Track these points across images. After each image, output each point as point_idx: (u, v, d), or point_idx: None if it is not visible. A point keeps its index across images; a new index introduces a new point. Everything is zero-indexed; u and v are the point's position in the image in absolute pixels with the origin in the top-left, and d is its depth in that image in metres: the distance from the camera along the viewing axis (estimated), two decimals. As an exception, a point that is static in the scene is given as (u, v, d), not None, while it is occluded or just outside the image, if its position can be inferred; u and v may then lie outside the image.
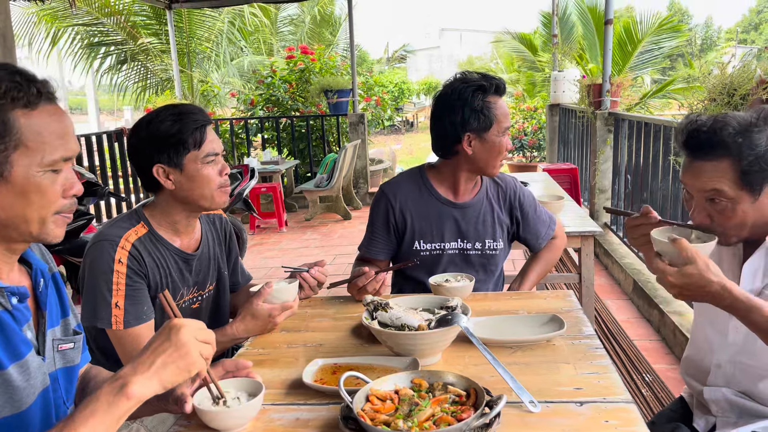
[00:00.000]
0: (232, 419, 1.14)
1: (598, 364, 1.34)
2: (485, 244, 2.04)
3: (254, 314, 1.59)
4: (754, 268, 1.39)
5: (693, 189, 1.37)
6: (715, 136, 1.31)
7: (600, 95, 5.57)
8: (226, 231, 1.94)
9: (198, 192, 1.65)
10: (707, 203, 1.35)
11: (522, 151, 11.09)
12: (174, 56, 8.25)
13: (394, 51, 21.69)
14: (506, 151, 1.97)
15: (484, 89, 1.91)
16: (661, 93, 10.09)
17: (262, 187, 6.69)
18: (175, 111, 1.65)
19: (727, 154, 1.30)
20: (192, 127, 1.62)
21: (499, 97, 1.95)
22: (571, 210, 3.12)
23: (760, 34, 41.15)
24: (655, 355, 3.22)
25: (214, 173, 1.65)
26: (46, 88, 1.01)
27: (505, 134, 1.95)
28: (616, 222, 5.23)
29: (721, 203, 1.33)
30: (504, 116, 1.94)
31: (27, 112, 0.98)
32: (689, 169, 1.37)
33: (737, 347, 1.44)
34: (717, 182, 1.31)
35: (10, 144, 0.96)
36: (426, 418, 1.06)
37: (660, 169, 4.03)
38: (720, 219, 1.35)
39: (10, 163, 0.97)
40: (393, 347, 1.39)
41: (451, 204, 2.03)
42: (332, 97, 8.08)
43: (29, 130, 0.98)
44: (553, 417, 1.14)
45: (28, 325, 1.06)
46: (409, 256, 2.03)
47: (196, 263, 1.76)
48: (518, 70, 14.72)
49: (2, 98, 0.95)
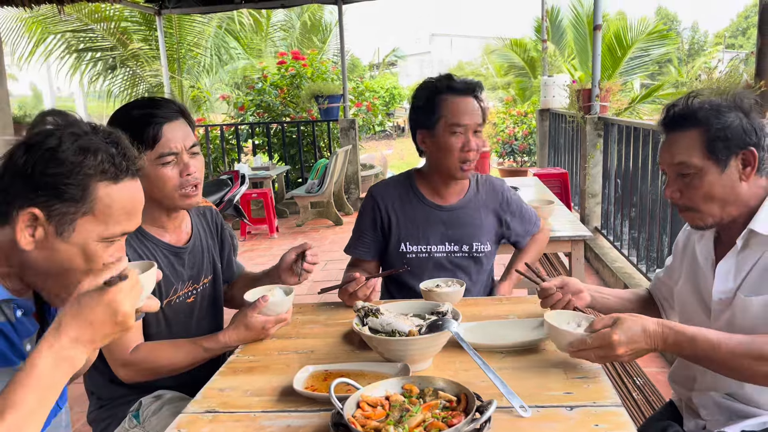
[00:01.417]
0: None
1: (588, 369, 1.35)
2: (473, 246, 2.04)
3: (248, 326, 1.58)
4: (727, 270, 1.42)
5: (665, 165, 1.44)
6: (687, 109, 1.41)
7: (589, 100, 5.60)
8: (218, 223, 1.91)
9: (157, 193, 1.59)
10: (678, 178, 1.42)
11: (513, 155, 11.14)
12: (164, 62, 8.23)
13: (385, 56, 21.75)
14: (461, 151, 1.92)
15: (436, 87, 1.95)
16: (650, 98, 10.18)
17: (252, 193, 6.68)
18: (137, 105, 1.60)
19: (696, 125, 1.37)
20: (144, 125, 1.54)
21: (457, 96, 1.94)
22: (561, 214, 3.13)
23: (748, 39, 41.55)
24: (646, 359, 3.23)
25: (171, 174, 1.58)
26: (136, 165, 1.04)
27: (457, 133, 1.92)
28: (606, 226, 5.26)
29: (689, 175, 1.38)
30: (455, 113, 1.92)
31: (108, 185, 1.00)
32: (664, 145, 1.45)
33: None
34: (685, 153, 1.38)
35: (81, 209, 0.98)
36: (417, 423, 1.06)
37: (649, 173, 4.05)
38: (688, 192, 1.40)
39: (74, 226, 0.98)
40: (384, 353, 1.39)
41: (437, 207, 2.05)
42: (323, 102, 8.08)
43: (102, 202, 1.00)
44: (543, 422, 1.14)
45: (30, 339, 1.06)
46: (396, 259, 2.04)
47: (189, 256, 1.74)
48: (507, 75, 14.79)
49: (92, 169, 0.97)
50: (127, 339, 1.55)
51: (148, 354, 1.57)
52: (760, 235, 1.35)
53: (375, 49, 25.33)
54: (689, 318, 1.56)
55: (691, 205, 1.41)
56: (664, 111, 1.46)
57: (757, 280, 1.36)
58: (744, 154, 1.35)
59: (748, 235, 1.38)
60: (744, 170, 1.36)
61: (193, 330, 1.74)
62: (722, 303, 1.42)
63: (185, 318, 1.75)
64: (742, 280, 1.39)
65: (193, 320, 1.78)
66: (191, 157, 1.63)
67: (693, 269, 1.55)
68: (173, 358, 1.58)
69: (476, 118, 1.94)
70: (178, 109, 1.62)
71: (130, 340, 1.56)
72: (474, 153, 1.95)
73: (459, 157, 1.93)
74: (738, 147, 1.35)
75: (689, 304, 1.56)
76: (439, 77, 2.00)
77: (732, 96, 1.39)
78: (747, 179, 1.37)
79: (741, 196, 1.38)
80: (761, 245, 1.36)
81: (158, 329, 1.68)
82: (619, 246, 4.74)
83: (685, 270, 1.59)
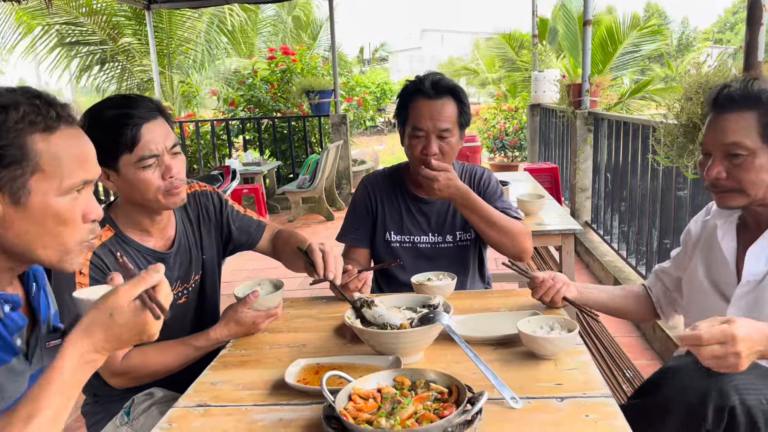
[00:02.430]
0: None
1: (579, 360, 1.36)
2: (456, 236, 2.07)
3: (238, 321, 1.58)
4: (759, 252, 1.43)
5: (714, 144, 1.41)
6: (745, 90, 1.39)
7: (580, 95, 5.62)
8: (204, 206, 1.81)
9: (139, 197, 1.53)
10: (726, 159, 1.39)
11: (503, 151, 11.16)
12: (153, 57, 8.17)
13: (374, 50, 21.69)
14: (421, 154, 1.93)
15: (407, 90, 1.99)
16: (640, 93, 10.24)
17: (243, 189, 6.65)
18: (110, 104, 1.51)
19: (754, 107, 1.36)
20: (120, 127, 1.45)
21: (423, 99, 1.93)
22: (552, 209, 3.15)
23: (736, 35, 41.82)
24: (635, 351, 3.26)
25: (153, 178, 1.50)
26: (66, 111, 0.99)
27: (418, 136, 1.93)
28: (596, 221, 5.29)
29: (740, 157, 1.37)
30: (416, 117, 1.93)
31: (45, 137, 0.96)
32: (713, 125, 1.42)
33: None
34: (740, 134, 1.36)
35: (28, 169, 0.94)
36: (408, 415, 1.06)
37: (639, 168, 4.08)
38: (736, 172, 1.38)
39: (27, 188, 0.95)
40: (375, 346, 1.39)
41: (419, 200, 2.09)
42: (314, 97, 8.06)
43: (46, 154, 0.96)
44: (534, 413, 1.15)
45: (20, 334, 1.05)
46: (383, 249, 2.09)
47: (173, 259, 1.69)
48: (499, 71, 14.81)
49: (20, 122, 0.93)
50: (115, 352, 1.52)
51: (139, 361, 1.54)
52: None
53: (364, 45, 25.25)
54: (701, 305, 1.57)
55: (737, 186, 1.39)
56: (719, 88, 1.43)
57: None
58: None
59: None
60: None
61: (190, 329, 1.71)
62: (749, 285, 1.44)
63: (180, 319, 1.72)
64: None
65: (188, 320, 1.76)
66: (173, 158, 1.54)
67: (708, 256, 1.57)
68: (164, 361, 1.56)
69: (440, 122, 1.92)
70: (155, 107, 1.53)
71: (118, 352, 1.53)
72: (436, 156, 1.92)
73: (419, 159, 1.94)
74: None
75: (702, 291, 1.57)
76: (414, 80, 2.01)
77: None
78: None
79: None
80: None
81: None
82: (609, 240, 4.77)
83: (699, 259, 1.60)
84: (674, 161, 3.00)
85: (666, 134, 2.98)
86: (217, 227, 1.84)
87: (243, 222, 1.88)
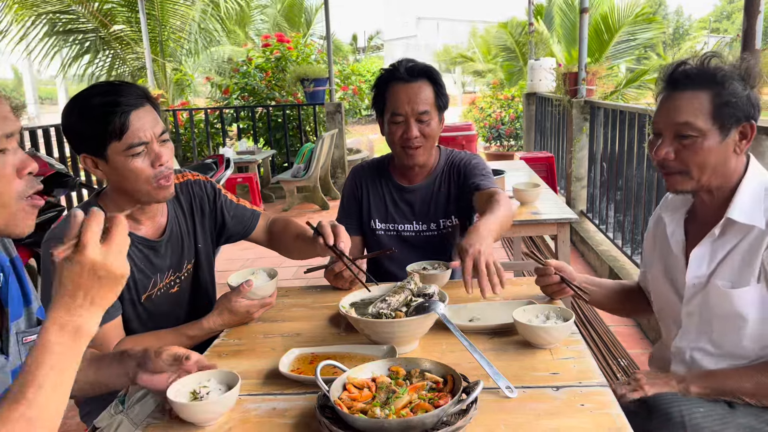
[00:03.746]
0: (205, 413, 1.12)
1: (574, 350, 1.35)
2: (440, 224, 2.07)
3: (232, 310, 1.57)
4: (701, 255, 1.42)
5: (665, 124, 1.37)
6: (702, 69, 1.34)
7: (576, 84, 5.60)
8: (197, 195, 1.79)
9: (129, 186, 1.51)
10: (675, 140, 1.36)
11: (499, 140, 11.14)
12: (146, 44, 8.10)
13: (369, 37, 21.56)
14: (401, 138, 1.94)
15: (383, 77, 1.99)
16: (636, 83, 10.22)
17: (238, 178, 6.63)
18: (97, 91, 1.48)
19: (707, 87, 1.32)
20: (108, 114, 1.43)
21: (400, 84, 1.93)
22: (547, 198, 3.14)
23: (732, 23, 41.81)
24: (630, 341, 3.27)
25: (143, 166, 1.48)
26: None
27: (397, 122, 1.94)
28: (592, 210, 5.29)
29: (690, 138, 1.33)
30: (393, 102, 1.94)
31: None
32: (666, 104, 1.38)
33: (693, 334, 1.47)
34: (692, 114, 1.32)
35: None
36: (403, 405, 1.05)
37: (635, 157, 4.07)
38: (685, 154, 1.35)
39: None
40: (370, 335, 1.38)
41: (402, 188, 2.11)
42: (309, 86, 8.01)
43: None
44: (529, 402, 1.14)
45: None
46: (370, 237, 2.12)
47: (164, 247, 1.68)
48: (494, 60, 14.75)
49: None
50: (108, 337, 1.51)
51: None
52: (737, 223, 1.36)
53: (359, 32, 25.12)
54: (662, 303, 1.57)
55: (684, 168, 1.36)
56: (672, 66, 1.38)
57: (736, 269, 1.36)
58: (744, 126, 1.34)
59: (725, 223, 1.38)
60: (740, 143, 1.35)
61: (184, 319, 1.70)
62: (695, 287, 1.43)
63: (172, 308, 1.71)
64: (716, 266, 1.39)
65: (182, 309, 1.75)
66: (162, 145, 1.52)
67: (664, 254, 1.56)
68: None
69: (418, 105, 1.92)
70: (143, 94, 1.50)
71: (111, 337, 1.52)
72: (417, 140, 1.94)
73: (400, 143, 1.97)
74: (742, 118, 1.33)
75: (661, 289, 1.57)
76: (388, 68, 2.01)
77: (744, 66, 1.35)
78: (740, 152, 1.36)
79: (728, 169, 1.37)
80: (737, 232, 1.37)
81: (140, 324, 1.63)
82: (604, 229, 4.77)
83: (657, 255, 1.59)
84: (670, 150, 2.98)
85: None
86: (211, 216, 1.83)
87: (237, 211, 1.87)
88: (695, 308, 1.44)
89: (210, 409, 1.12)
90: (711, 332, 1.43)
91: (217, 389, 1.17)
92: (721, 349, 1.43)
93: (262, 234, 1.92)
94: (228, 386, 1.18)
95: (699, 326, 1.45)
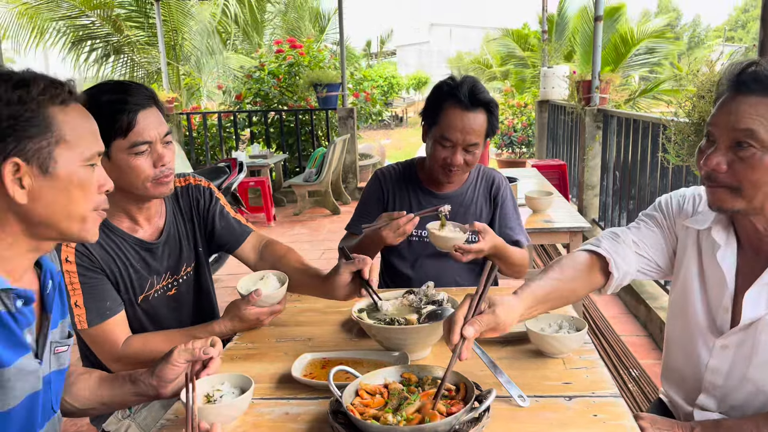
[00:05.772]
0: (219, 416, 1.13)
1: (587, 359, 1.35)
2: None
3: (242, 318, 1.56)
4: (756, 296, 1.25)
5: (723, 128, 1.18)
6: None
7: (589, 92, 5.59)
8: (195, 199, 1.78)
9: (127, 182, 1.51)
10: (731, 150, 1.17)
11: (511, 147, 11.12)
12: (162, 49, 8.17)
13: (381, 41, 21.60)
14: (444, 162, 1.92)
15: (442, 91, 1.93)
16: (651, 93, 10.19)
17: (250, 181, 6.65)
18: (106, 89, 1.49)
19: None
20: (116, 112, 1.44)
21: (457, 108, 1.88)
22: (559, 206, 3.13)
23: (747, 33, 41.50)
24: (642, 351, 3.25)
25: (144, 165, 1.49)
26: (75, 89, 1.06)
27: (444, 145, 1.90)
28: (604, 218, 5.26)
29: (749, 149, 1.14)
30: (446, 126, 1.89)
31: (63, 109, 1.01)
32: (726, 106, 1.18)
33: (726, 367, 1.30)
34: (756, 121, 1.13)
35: (52, 139, 0.99)
36: (414, 410, 1.05)
37: (648, 166, 4.05)
38: (739, 167, 1.16)
39: (54, 158, 0.99)
40: (383, 342, 1.38)
41: (432, 195, 2.09)
42: (321, 91, 8.03)
43: (67, 126, 1.01)
44: (542, 411, 1.14)
45: (29, 329, 1.05)
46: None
47: (161, 249, 1.67)
48: (506, 65, 14.73)
49: (42, 94, 0.99)
50: (113, 332, 1.52)
51: (141, 347, 1.54)
52: None
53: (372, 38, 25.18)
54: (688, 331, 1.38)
55: (735, 184, 1.17)
56: (741, 66, 1.19)
57: None
58: None
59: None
60: None
61: (184, 321, 1.71)
62: (742, 326, 1.27)
63: (170, 311, 1.71)
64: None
65: (181, 312, 1.74)
66: (164, 147, 1.53)
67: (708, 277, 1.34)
68: (165, 348, 1.54)
69: (469, 137, 1.89)
70: (150, 95, 1.52)
71: (117, 333, 1.53)
72: (459, 167, 1.92)
73: (442, 165, 1.95)
74: None
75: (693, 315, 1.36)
76: (451, 81, 1.94)
77: None
78: None
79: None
80: None
81: (140, 326, 1.64)
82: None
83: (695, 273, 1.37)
84: (685, 160, 2.97)
85: (677, 132, 2.96)
86: (203, 222, 1.80)
87: (227, 222, 1.82)
88: (733, 342, 1.29)
89: (224, 412, 1.13)
90: (747, 367, 1.27)
91: (230, 393, 1.18)
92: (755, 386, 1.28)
93: (251, 252, 1.84)
94: (241, 390, 1.19)
95: (734, 361, 1.30)
